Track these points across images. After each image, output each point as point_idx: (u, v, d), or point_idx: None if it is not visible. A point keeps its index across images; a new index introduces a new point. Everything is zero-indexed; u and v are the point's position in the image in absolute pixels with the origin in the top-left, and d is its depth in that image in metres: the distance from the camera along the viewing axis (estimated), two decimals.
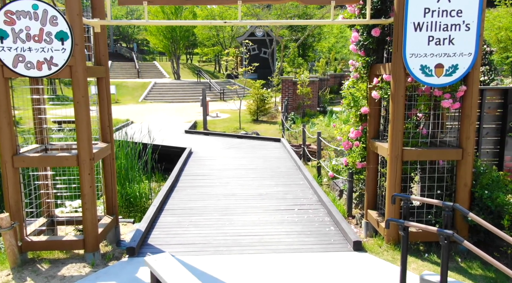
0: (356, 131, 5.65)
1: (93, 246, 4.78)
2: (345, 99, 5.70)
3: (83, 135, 4.56)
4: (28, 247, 4.72)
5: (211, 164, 9.79)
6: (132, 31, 65.15)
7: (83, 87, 4.53)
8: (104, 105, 5.35)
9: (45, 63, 4.42)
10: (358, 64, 5.49)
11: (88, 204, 4.69)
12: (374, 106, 5.42)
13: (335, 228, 5.63)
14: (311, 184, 7.69)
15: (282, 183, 8.01)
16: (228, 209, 6.53)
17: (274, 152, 11.31)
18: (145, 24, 5.07)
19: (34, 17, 4.33)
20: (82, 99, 4.53)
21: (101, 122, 5.37)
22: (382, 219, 5.24)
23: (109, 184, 5.49)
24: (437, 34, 4.47)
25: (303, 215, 6.19)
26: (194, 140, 13.38)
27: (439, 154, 4.77)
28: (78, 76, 4.49)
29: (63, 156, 4.63)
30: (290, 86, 18.71)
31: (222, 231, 5.61)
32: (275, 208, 6.54)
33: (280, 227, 5.72)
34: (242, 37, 38.06)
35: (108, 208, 5.55)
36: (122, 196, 8.80)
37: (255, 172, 8.92)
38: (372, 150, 5.48)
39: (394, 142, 4.72)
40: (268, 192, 7.40)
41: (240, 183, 8.08)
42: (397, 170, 4.76)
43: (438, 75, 4.53)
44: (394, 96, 4.66)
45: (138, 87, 31.31)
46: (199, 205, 6.73)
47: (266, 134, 16.26)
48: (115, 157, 5.60)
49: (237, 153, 11.23)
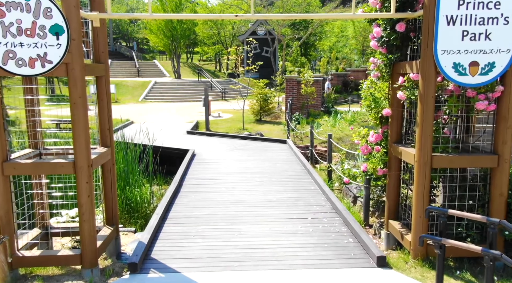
0: (376, 134, 5.22)
1: (91, 262, 4.35)
2: (364, 100, 5.27)
3: (81, 140, 4.13)
4: (19, 263, 4.28)
5: (216, 168, 9.36)
6: (132, 30, 64.70)
7: (81, 87, 4.10)
8: (103, 106, 4.92)
9: (39, 60, 3.99)
10: (379, 62, 5.06)
11: (86, 215, 4.25)
12: (397, 108, 4.99)
13: (354, 240, 5.19)
14: (322, 189, 7.26)
15: (291, 189, 7.58)
16: (236, 217, 6.10)
17: (280, 154, 10.87)
18: (148, 17, 4.64)
19: (26, 9, 3.90)
20: (80, 100, 4.10)
21: (100, 124, 4.94)
22: (407, 231, 4.81)
23: (109, 192, 5.06)
24: (472, 28, 4.04)
25: (317, 225, 5.76)
26: (197, 141, 12.94)
27: (472, 160, 4.33)
28: (75, 75, 4.06)
29: (59, 163, 4.20)
30: (295, 85, 18.27)
31: (232, 243, 5.17)
32: (287, 216, 6.11)
33: (294, 239, 5.29)
34: (243, 35, 37.64)
35: (108, 218, 5.12)
36: (122, 201, 8.36)
37: (262, 176, 8.49)
38: (394, 155, 5.05)
39: (423, 148, 4.28)
40: (277, 199, 6.97)
41: (247, 188, 7.65)
42: (425, 178, 4.33)
43: (472, 74, 4.10)
44: (423, 97, 4.23)
45: (138, 86, 30.87)
46: (205, 213, 6.30)
47: (270, 134, 15.83)
48: (115, 162, 5.17)
49: (242, 155, 10.80)
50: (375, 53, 5.21)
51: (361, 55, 47.64)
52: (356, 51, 49.21)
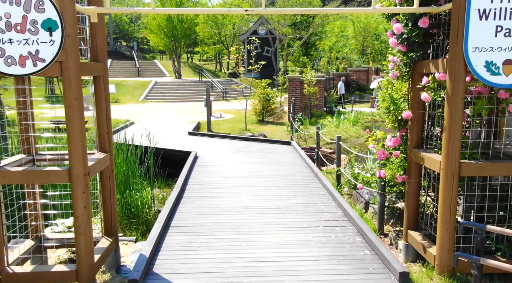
0: (394, 138, 4.85)
1: (89, 278, 3.99)
2: (383, 101, 4.90)
3: (76, 146, 3.77)
4: (9, 281, 3.92)
5: (219, 171, 8.99)
6: (132, 30, 64.34)
7: (76, 88, 3.74)
8: (102, 108, 4.56)
9: (30, 58, 3.63)
10: (398, 60, 4.69)
11: (82, 228, 3.89)
12: (417, 110, 4.63)
13: (370, 252, 4.83)
14: (333, 195, 6.90)
15: (300, 194, 7.21)
16: (244, 226, 5.74)
17: (285, 156, 10.51)
18: (151, 12, 4.28)
19: (15, 2, 3.53)
20: (75, 102, 3.74)
21: (98, 128, 4.58)
22: (429, 243, 4.45)
23: (108, 200, 4.70)
24: (507, 23, 3.68)
25: (330, 234, 5.39)
26: (199, 143, 12.58)
27: (507, 168, 3.97)
28: (70, 74, 3.69)
29: (52, 171, 3.83)
30: (298, 85, 17.91)
31: (240, 255, 4.81)
32: (297, 225, 5.74)
33: (306, 250, 4.92)
34: (244, 35, 37.28)
35: (107, 228, 4.75)
36: (122, 206, 8.00)
37: (268, 180, 8.13)
38: (414, 161, 4.69)
39: (450, 154, 3.92)
40: (286, 205, 6.61)
41: (253, 193, 7.29)
42: (453, 188, 3.97)
43: (506, 74, 3.74)
44: (451, 99, 3.87)
45: (139, 86, 30.51)
46: (210, 220, 5.94)
47: (273, 135, 15.48)
48: (114, 168, 4.81)
49: (245, 157, 10.43)
50: (376, 52, 4.88)
51: (361, 55, 47.31)
52: (356, 51, 48.89)
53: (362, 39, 48.42)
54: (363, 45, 48.57)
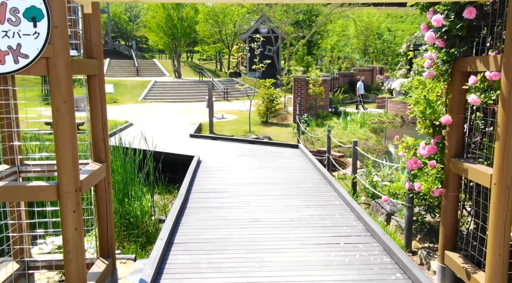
0: (429, 146, 4.27)
1: None
2: (416, 104, 4.31)
3: (66, 157, 3.18)
4: None
5: (224, 177, 8.41)
6: (131, 28, 63.73)
7: (66, 88, 3.15)
8: (97, 112, 3.97)
9: (10, 53, 3.04)
10: (435, 56, 4.11)
11: (73, 253, 3.30)
12: (457, 114, 4.05)
13: (403, 276, 4.25)
14: (350, 205, 6.32)
15: (313, 204, 6.63)
16: (255, 242, 5.15)
17: (294, 161, 9.92)
18: (152, 2, 3.69)
19: None
20: (65, 106, 3.15)
21: (93, 135, 4.00)
22: (473, 268, 3.87)
23: (104, 217, 4.11)
24: None
25: (353, 253, 4.81)
26: (201, 146, 11.99)
27: None
28: (58, 73, 3.11)
29: (37, 187, 3.24)
30: (303, 85, 17.32)
31: (253, 278, 4.22)
32: (315, 241, 5.16)
33: (328, 273, 4.34)
34: (245, 34, 36.69)
35: (102, 249, 4.17)
36: (121, 215, 7.41)
37: (278, 188, 7.55)
38: (453, 172, 4.11)
39: (505, 167, 3.34)
40: (300, 217, 6.02)
41: (262, 203, 6.70)
42: (508, 206, 3.39)
43: None
44: (507, 102, 3.29)
45: (138, 86, 29.90)
46: (217, 235, 5.35)
47: (278, 137, 14.90)
48: (111, 180, 4.22)
49: (251, 162, 9.85)
50: (377, 52, 4.27)
51: (363, 54, 46.77)
52: (357, 51, 48.35)
53: (364, 39, 47.91)
54: (365, 44, 48.05)
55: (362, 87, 25.07)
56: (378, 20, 51.36)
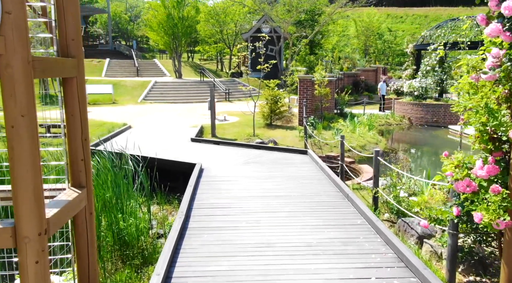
0: (489, 166, 3.44)
1: None
2: (475, 113, 3.48)
3: (25, 191, 2.35)
4: None
5: (229, 189, 7.58)
6: (132, 28, 62.96)
7: (25, 97, 2.33)
8: (75, 125, 3.15)
9: None
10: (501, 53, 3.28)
11: None
12: None
13: None
14: (375, 225, 5.49)
15: (332, 223, 5.80)
16: (269, 276, 4.33)
17: (304, 169, 9.10)
18: None
19: None
20: (22, 121, 2.33)
21: (70, 153, 3.17)
22: None
23: (84, 255, 3.29)
24: None
25: None
26: (203, 151, 11.17)
27: None
28: (13, 75, 2.29)
29: None
30: (309, 86, 16.49)
31: None
32: (341, 275, 4.33)
33: None
34: (247, 33, 35.85)
35: None
36: (113, 233, 6.60)
37: (290, 203, 6.72)
38: None
39: None
40: (319, 241, 5.20)
41: (274, 222, 5.88)
42: None
43: None
44: None
45: (138, 86, 29.09)
46: (223, 267, 4.52)
47: (284, 141, 14.10)
48: (94, 210, 3.40)
49: (258, 170, 9.02)
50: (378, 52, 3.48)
51: (364, 54, 45.96)
52: (358, 51, 47.56)
53: (365, 39, 47.14)
54: (365, 44, 47.27)
55: (384, 88, 24.32)
56: (378, 20, 50.65)
